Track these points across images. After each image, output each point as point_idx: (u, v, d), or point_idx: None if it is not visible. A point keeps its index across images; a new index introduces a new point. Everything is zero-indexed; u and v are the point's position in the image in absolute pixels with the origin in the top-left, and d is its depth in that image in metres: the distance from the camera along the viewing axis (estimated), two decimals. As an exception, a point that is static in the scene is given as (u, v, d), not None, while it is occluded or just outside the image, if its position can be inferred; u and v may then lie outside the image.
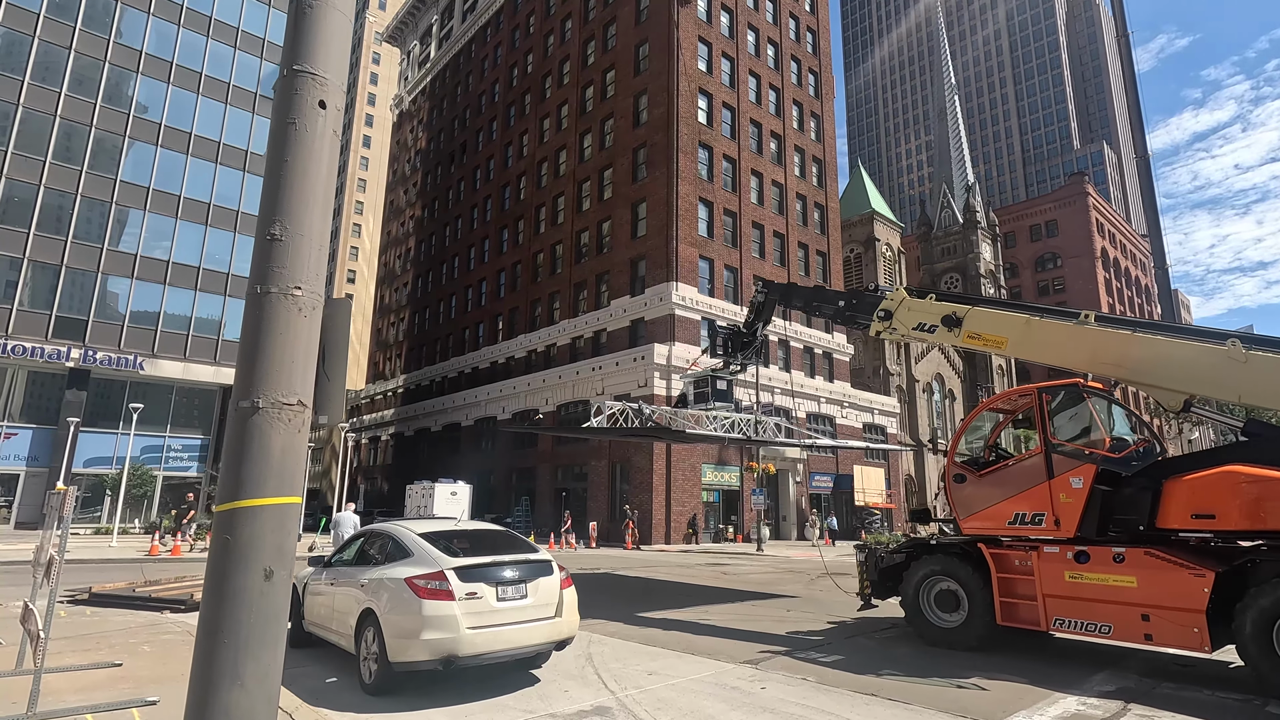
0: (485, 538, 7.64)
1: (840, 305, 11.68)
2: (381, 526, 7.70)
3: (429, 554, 6.65)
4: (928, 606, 8.77)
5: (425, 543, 6.87)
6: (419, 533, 7.13)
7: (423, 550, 6.75)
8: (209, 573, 2.27)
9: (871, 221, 58.83)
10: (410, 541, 6.99)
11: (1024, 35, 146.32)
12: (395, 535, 7.24)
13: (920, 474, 57.14)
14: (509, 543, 7.46)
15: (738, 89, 43.80)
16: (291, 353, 2.36)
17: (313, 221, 2.53)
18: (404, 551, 6.92)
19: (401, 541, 7.08)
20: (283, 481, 2.32)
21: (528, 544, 7.46)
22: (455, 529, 7.50)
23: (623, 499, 36.50)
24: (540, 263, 47.71)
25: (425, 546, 6.80)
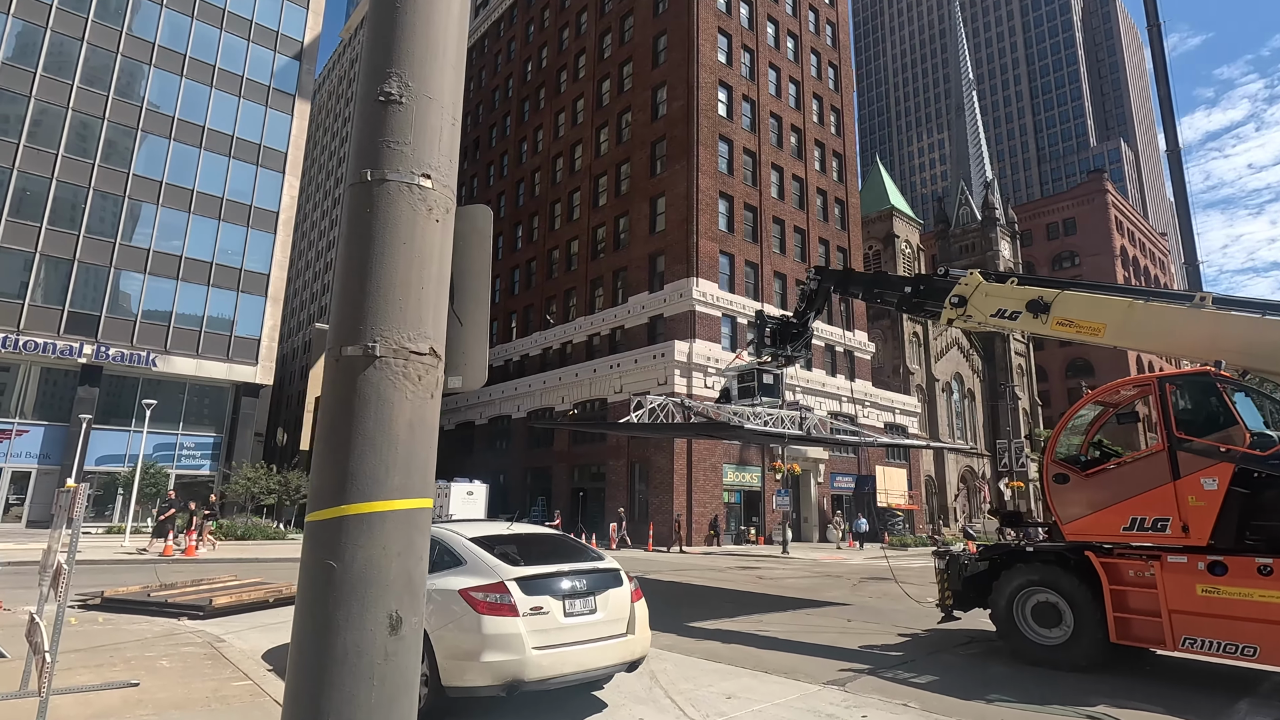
0: (542, 542, 6.85)
1: (906, 291, 10.81)
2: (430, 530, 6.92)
3: (485, 562, 5.86)
4: (1023, 621, 7.91)
5: (479, 549, 6.08)
6: (469, 537, 6.34)
7: (477, 557, 5.96)
8: (299, 619, 1.47)
9: (891, 218, 57.79)
10: (461, 547, 6.20)
11: (1039, 31, 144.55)
12: (443, 539, 6.46)
13: (940, 475, 56.07)
14: (570, 549, 6.67)
15: (757, 81, 42.92)
16: (422, 275, 1.56)
17: (444, 80, 1.75)
18: (455, 558, 6.14)
19: (451, 547, 6.29)
20: (411, 474, 1.54)
21: (590, 550, 6.66)
22: (507, 532, 6.70)
23: (642, 499, 35.70)
24: (556, 259, 47.00)
25: (479, 553, 6.01)
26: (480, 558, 5.93)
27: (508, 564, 5.80)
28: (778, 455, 37.49)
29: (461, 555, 6.10)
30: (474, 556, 5.99)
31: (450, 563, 6.15)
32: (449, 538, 6.44)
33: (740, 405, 12.80)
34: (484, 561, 5.87)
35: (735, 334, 38.04)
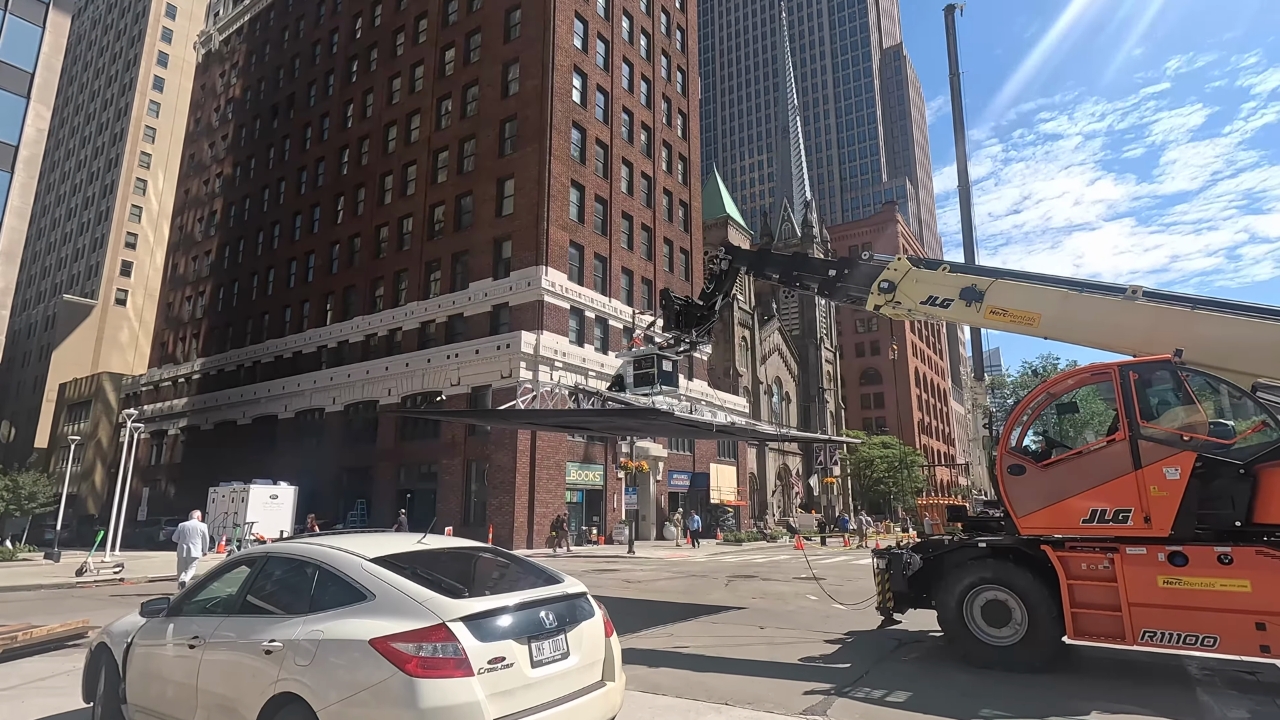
0: (473, 560, 5.03)
1: (830, 275, 10.23)
2: (296, 548, 4.76)
3: (409, 594, 3.97)
4: (973, 621, 7.48)
5: (393, 574, 4.15)
6: (372, 557, 4.36)
7: (393, 587, 4.04)
8: None
9: (726, 226, 60.12)
10: (361, 572, 4.22)
11: (845, 74, 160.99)
12: (325, 561, 4.41)
13: (762, 472, 59.25)
14: (515, 566, 4.92)
15: (612, 74, 42.17)
16: None
17: None
18: (351, 590, 4.15)
19: (342, 572, 4.28)
20: None
21: (538, 566, 4.95)
22: (421, 548, 4.78)
23: (479, 500, 33.15)
24: (385, 237, 42.56)
25: (395, 581, 4.09)
26: (399, 588, 4.02)
27: (444, 594, 3.96)
28: (624, 452, 36.90)
29: (363, 585, 4.13)
30: (386, 586, 4.05)
31: (343, 597, 4.15)
32: (335, 558, 4.41)
33: (637, 394, 11.55)
34: (407, 594, 3.97)
35: (583, 328, 36.83)
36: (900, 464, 58.96)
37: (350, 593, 4.14)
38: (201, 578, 5.27)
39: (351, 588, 4.15)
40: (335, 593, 4.23)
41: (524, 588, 4.34)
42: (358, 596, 4.09)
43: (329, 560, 4.40)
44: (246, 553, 5.13)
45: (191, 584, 5.31)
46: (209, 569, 5.16)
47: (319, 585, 4.33)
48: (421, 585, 4.01)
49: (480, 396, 33.87)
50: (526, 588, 4.34)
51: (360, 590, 4.10)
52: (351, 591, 4.14)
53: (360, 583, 4.14)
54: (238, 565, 5.08)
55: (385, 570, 4.18)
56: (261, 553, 4.95)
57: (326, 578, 4.33)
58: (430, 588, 4.00)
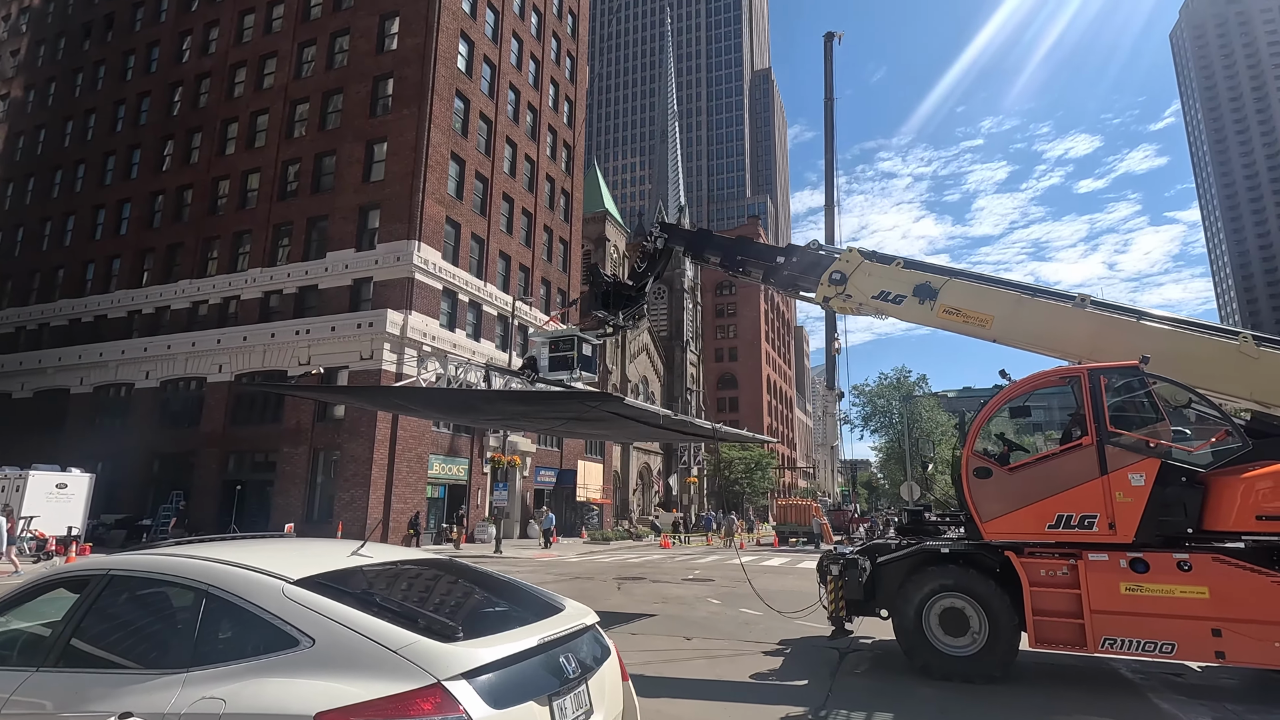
0: (439, 579, 3.65)
1: (777, 263, 9.63)
2: (162, 563, 3.11)
3: (375, 637, 2.59)
4: (931, 630, 7.11)
5: (342, 606, 2.75)
6: (298, 579, 2.90)
7: (347, 628, 2.63)
8: None
9: (604, 221, 59.51)
10: (287, 604, 2.75)
11: (718, 89, 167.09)
12: (229, 586, 2.88)
13: (625, 470, 59.19)
14: (494, 587, 3.62)
15: (500, 46, 39.95)
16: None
17: None
18: (274, 633, 2.70)
19: (258, 604, 2.79)
20: None
21: (522, 585, 3.70)
22: (367, 564, 3.34)
23: (325, 494, 29.77)
24: (224, 192, 37.26)
25: (349, 617, 2.69)
26: (358, 628, 2.62)
27: (431, 636, 2.63)
28: (492, 446, 34.94)
29: (292, 624, 2.67)
30: (334, 626, 2.64)
31: (256, 643, 2.69)
32: (237, 580, 2.89)
33: (552, 377, 10.30)
34: (372, 636, 2.59)
35: (455, 312, 34.39)
36: (756, 466, 61.45)
37: (268, 636, 2.69)
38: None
39: (270, 628, 2.70)
40: (240, 636, 2.75)
41: (527, 620, 3.09)
42: (283, 642, 2.65)
43: (226, 583, 2.88)
44: (69, 569, 3.39)
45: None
46: (14, 593, 3.36)
47: (208, 623, 2.82)
48: (392, 623, 2.66)
49: (333, 378, 30.42)
50: (530, 620, 3.11)
51: (286, 632, 2.67)
52: (271, 634, 2.69)
53: (287, 620, 2.70)
54: (52, 588, 3.35)
55: (325, 599, 2.77)
56: (95, 569, 3.24)
57: (223, 612, 2.82)
58: (407, 626, 2.66)
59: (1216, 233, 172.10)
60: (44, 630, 3.23)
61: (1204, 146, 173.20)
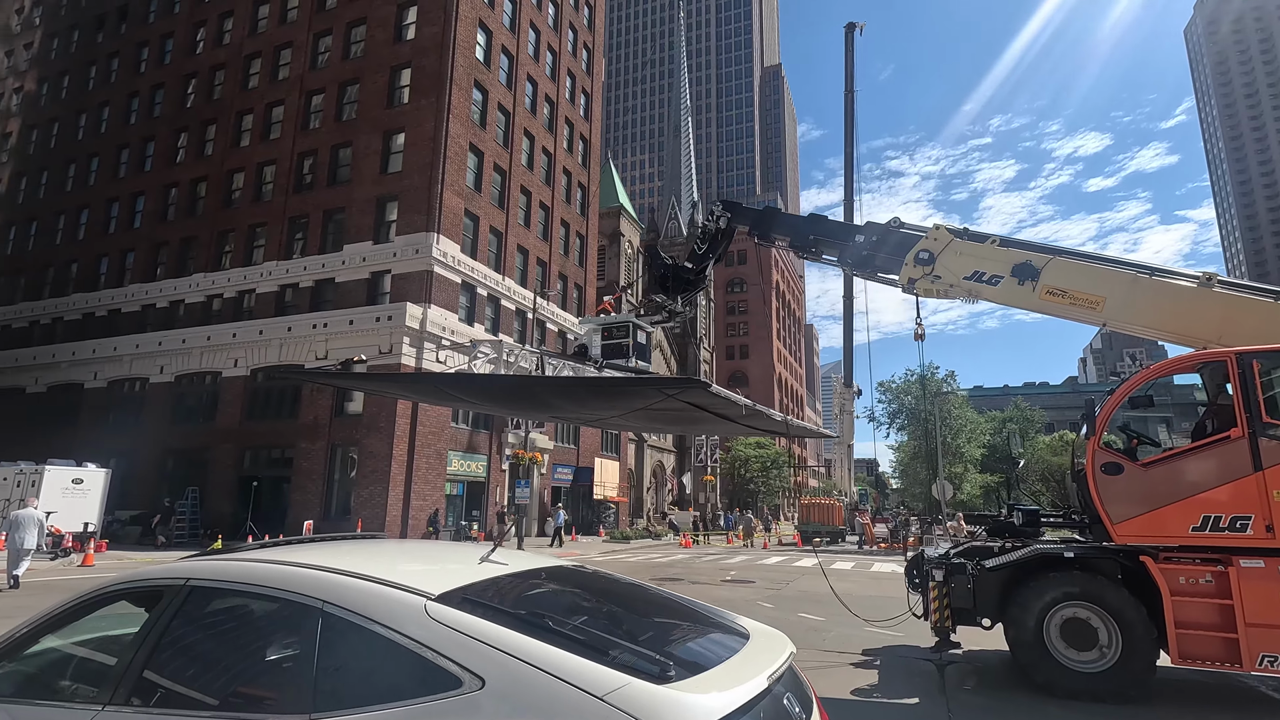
0: (602, 594, 2.91)
1: (855, 241, 8.91)
2: (258, 571, 2.43)
3: (571, 678, 1.91)
4: (1053, 643, 6.40)
5: (515, 634, 2.06)
6: (438, 595, 2.22)
7: (530, 664, 1.95)
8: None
9: (619, 216, 58.76)
10: (438, 631, 2.08)
11: (728, 85, 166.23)
12: (360, 605, 2.20)
13: (639, 468, 58.52)
14: (659, 601, 2.92)
15: (518, 36, 39.30)
16: None
17: None
18: (423, 668, 2.02)
19: (399, 630, 2.12)
20: None
21: (683, 600, 3.00)
22: (506, 574, 2.64)
23: (343, 491, 29.20)
24: (239, 184, 36.74)
25: (530, 650, 2.00)
26: (546, 664, 1.93)
27: (641, 675, 1.92)
28: (510, 442, 34.38)
29: (452, 659, 2.00)
30: (510, 661, 1.96)
31: (399, 681, 2.02)
32: (369, 596, 2.21)
33: (619, 367, 9.62)
34: (575, 679, 1.89)
35: (474, 306, 33.78)
36: (773, 464, 60.68)
37: (417, 671, 2.01)
38: (31, 626, 2.74)
39: (418, 660, 2.03)
40: (376, 670, 2.08)
41: (731, 649, 2.40)
42: (439, 681, 1.98)
43: (347, 599, 2.20)
44: (134, 578, 2.71)
45: (5, 640, 2.76)
46: (44, 614, 2.68)
47: (329, 651, 2.14)
48: (586, 657, 1.98)
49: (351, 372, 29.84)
50: (732, 648, 2.41)
51: (442, 667, 1.99)
52: (419, 669, 2.01)
53: (440, 650, 2.02)
54: (111, 601, 2.68)
55: (486, 623, 2.08)
56: (169, 578, 2.56)
57: (348, 637, 2.15)
58: (604, 662, 1.97)
59: (1232, 230, 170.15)
60: (106, 656, 2.57)
61: (1219, 144, 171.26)
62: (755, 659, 2.31)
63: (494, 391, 8.69)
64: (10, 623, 2.83)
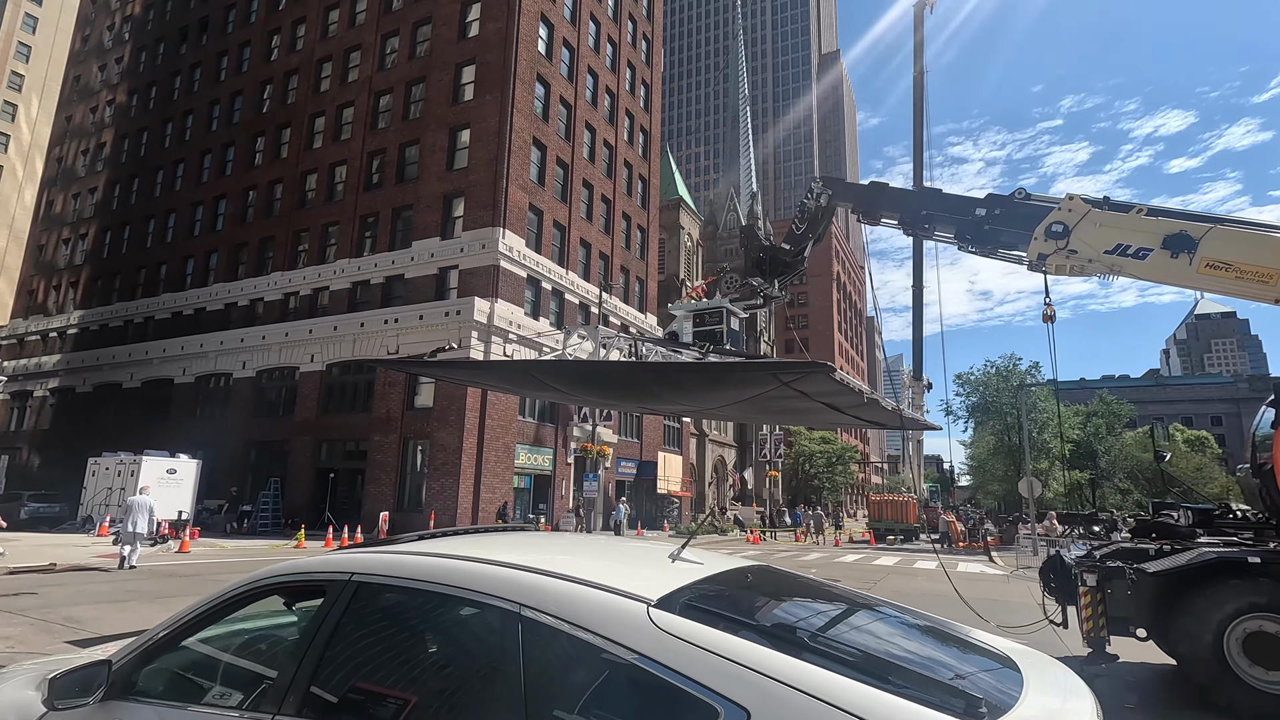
0: (818, 598, 2.48)
1: (977, 216, 8.20)
2: (434, 566, 2.07)
3: (864, 713, 1.48)
4: (1236, 660, 5.65)
5: (772, 653, 1.64)
6: (657, 599, 1.82)
7: (812, 696, 1.53)
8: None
9: (678, 209, 58.25)
10: (654, 640, 1.70)
11: (785, 74, 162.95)
12: (555, 608, 1.84)
13: (700, 463, 57.97)
14: (886, 613, 2.47)
15: (579, 29, 39.18)
16: None
17: None
18: (660, 691, 1.64)
19: (611, 639, 1.74)
20: None
21: (925, 616, 2.53)
22: (706, 576, 2.23)
23: (415, 483, 29.73)
24: (312, 186, 37.88)
25: (798, 674, 1.58)
26: (840, 698, 1.51)
27: (958, 716, 1.50)
28: (575, 436, 34.43)
29: (694, 676, 1.60)
30: (784, 689, 1.53)
31: (636, 702, 1.66)
32: (577, 600, 1.84)
33: (727, 352, 9.22)
34: (871, 715, 1.48)
35: (539, 300, 33.89)
36: (838, 459, 59.16)
37: (648, 692, 1.65)
38: (179, 621, 2.50)
39: (649, 679, 1.64)
40: (598, 689, 1.72)
41: (1016, 681, 1.93)
42: (681, 705, 1.60)
43: (550, 602, 1.83)
44: (287, 570, 2.43)
45: (156, 633, 2.53)
46: (195, 606, 2.43)
47: (535, 664, 1.78)
48: (879, 688, 1.55)
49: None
50: (1015, 678, 1.95)
51: (684, 690, 1.60)
52: (652, 689, 1.64)
53: (676, 668, 1.63)
54: (260, 596, 2.41)
55: (731, 637, 1.68)
56: (328, 571, 2.26)
57: (556, 647, 1.78)
58: (901, 694, 1.54)
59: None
60: (262, 658, 2.30)
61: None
62: (1050, 692, 1.84)
63: (593, 379, 8.38)
64: (129, 605, 2.56)
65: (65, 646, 7.42)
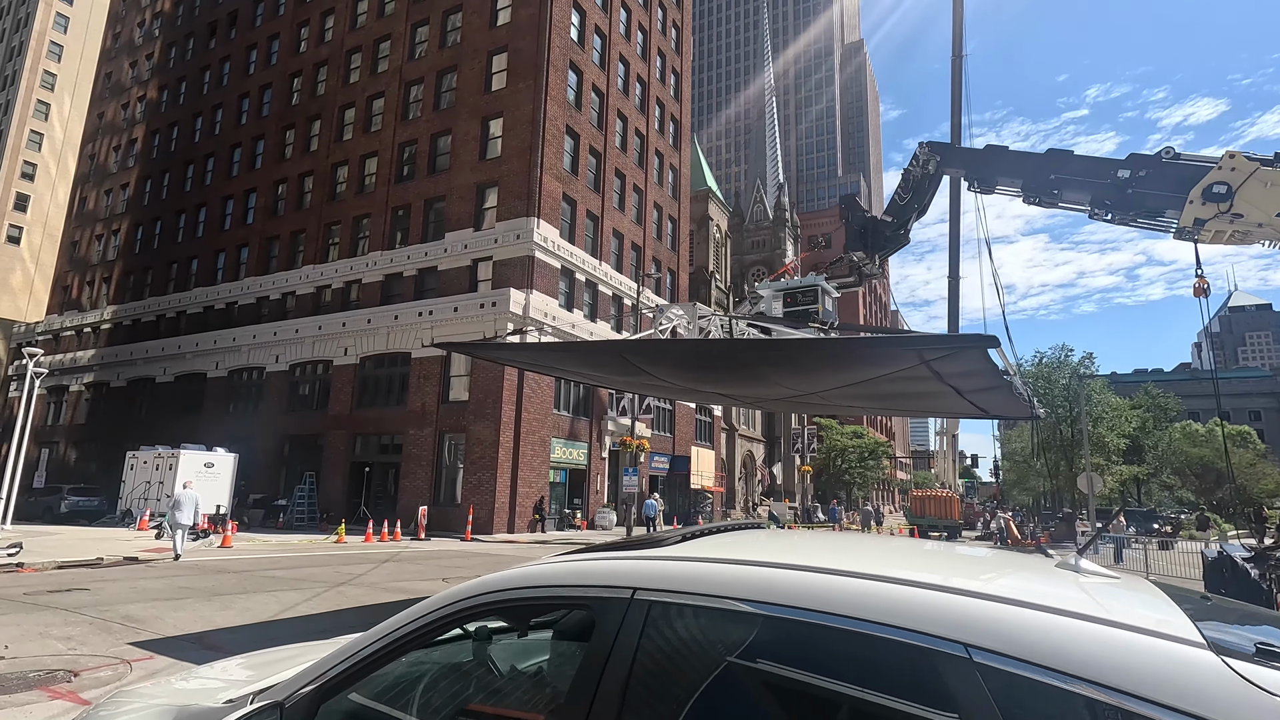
0: None
1: (1118, 178, 7.38)
2: (788, 581, 1.41)
3: None
4: None
5: None
6: (1245, 649, 1.13)
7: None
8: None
9: (707, 200, 57.40)
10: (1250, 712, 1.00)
11: (807, 66, 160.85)
12: (1037, 655, 1.15)
13: (730, 459, 57.23)
14: None
15: (610, 15, 38.44)
16: None
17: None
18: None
19: (1178, 709, 1.03)
20: None
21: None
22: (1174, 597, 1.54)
23: (450, 477, 29.30)
24: (343, 178, 37.58)
25: None
26: None
27: None
28: (610, 430, 33.85)
29: None
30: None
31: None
32: (1073, 643, 1.14)
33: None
34: None
35: (573, 291, 33.31)
36: (870, 454, 58.07)
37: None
38: (365, 650, 1.83)
39: None
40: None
41: None
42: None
43: (1023, 646, 1.15)
44: (524, 579, 1.75)
45: (335, 665, 1.88)
46: (388, 631, 1.78)
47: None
48: None
49: (453, 360, 29.94)
50: None
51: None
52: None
53: None
54: (487, 613, 1.76)
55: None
56: (602, 585, 1.59)
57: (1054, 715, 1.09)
58: None
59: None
60: (485, 708, 1.65)
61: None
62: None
63: (695, 361, 7.64)
64: (186, 603, 1.92)
65: (129, 649, 6.91)
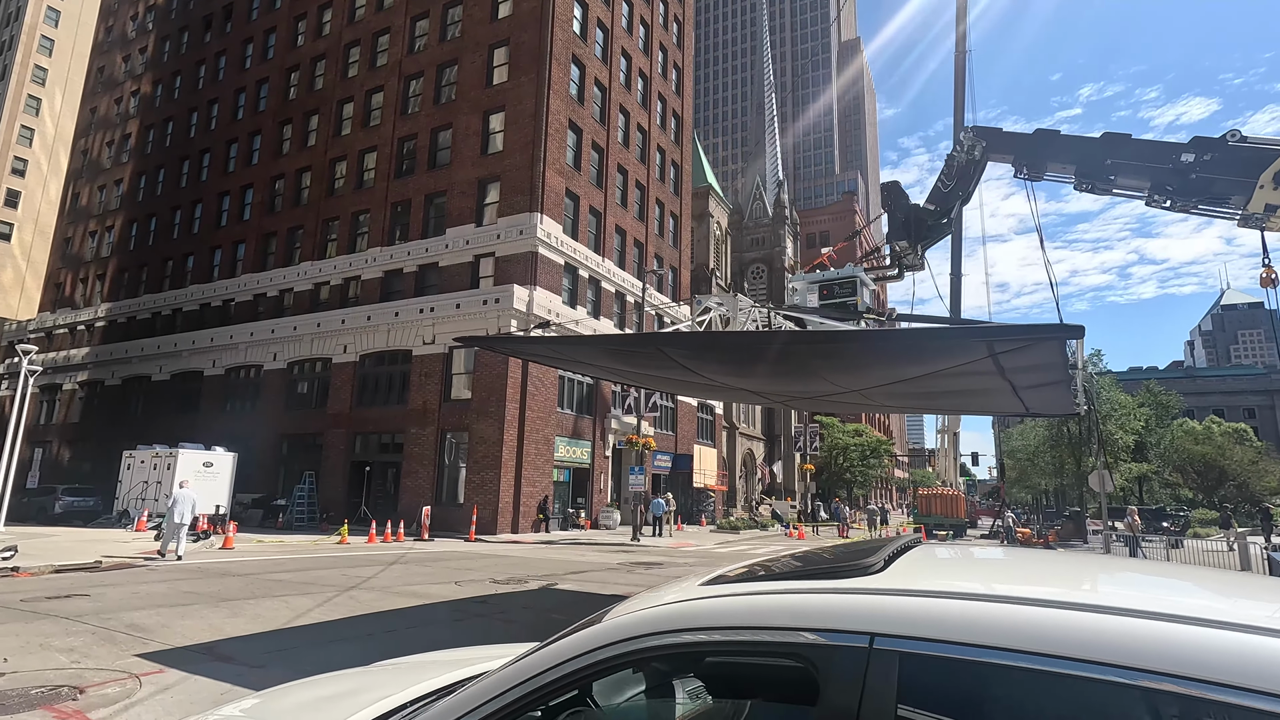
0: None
1: (1181, 164, 7.00)
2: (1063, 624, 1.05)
3: None
4: None
5: None
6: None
7: None
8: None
9: (707, 196, 57.03)
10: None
11: (804, 63, 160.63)
12: None
13: (731, 457, 56.90)
14: None
15: (612, 8, 38.00)
16: None
17: None
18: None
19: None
20: None
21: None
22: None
23: (452, 477, 28.87)
24: (341, 173, 37.06)
25: None
26: None
27: None
28: (613, 428, 33.49)
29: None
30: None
31: None
32: None
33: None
34: None
35: (576, 288, 32.89)
36: (872, 452, 57.86)
37: None
38: (478, 707, 1.44)
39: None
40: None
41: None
42: None
43: None
44: (696, 615, 1.37)
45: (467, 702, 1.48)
46: (509, 682, 1.40)
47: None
48: None
49: (456, 357, 29.51)
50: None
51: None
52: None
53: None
54: (642, 659, 1.36)
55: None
56: (825, 629, 1.19)
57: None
58: None
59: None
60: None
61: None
62: None
63: (743, 355, 7.21)
64: (192, 610, 1.57)
65: (137, 661, 6.50)
